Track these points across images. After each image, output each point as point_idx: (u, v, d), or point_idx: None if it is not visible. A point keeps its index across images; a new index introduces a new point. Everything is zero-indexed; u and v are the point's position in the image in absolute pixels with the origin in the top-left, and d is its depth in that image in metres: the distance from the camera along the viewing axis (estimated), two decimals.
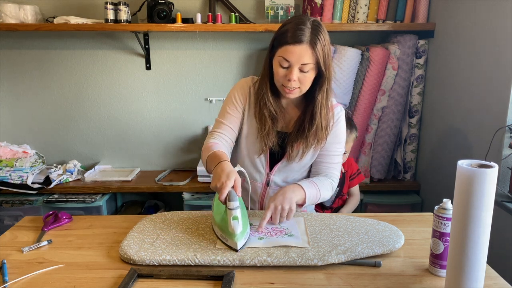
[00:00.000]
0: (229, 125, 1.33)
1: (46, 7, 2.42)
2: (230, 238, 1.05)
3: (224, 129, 1.32)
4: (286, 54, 1.17)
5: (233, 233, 1.04)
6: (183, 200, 2.40)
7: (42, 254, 1.10)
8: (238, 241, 1.04)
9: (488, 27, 1.78)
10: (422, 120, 2.43)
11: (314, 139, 1.29)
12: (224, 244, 1.08)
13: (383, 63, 2.30)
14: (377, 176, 2.48)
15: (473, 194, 0.80)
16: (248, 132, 1.34)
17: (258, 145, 1.32)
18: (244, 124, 1.34)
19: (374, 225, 1.20)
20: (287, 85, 1.21)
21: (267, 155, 1.34)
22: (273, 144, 1.30)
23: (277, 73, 1.22)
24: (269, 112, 1.28)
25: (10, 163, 2.35)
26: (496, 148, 1.70)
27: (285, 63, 1.18)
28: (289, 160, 1.33)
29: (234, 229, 1.04)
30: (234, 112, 1.34)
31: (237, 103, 1.34)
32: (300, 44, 1.15)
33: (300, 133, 1.29)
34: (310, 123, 1.27)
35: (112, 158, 2.68)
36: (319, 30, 1.18)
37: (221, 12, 2.43)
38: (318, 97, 1.26)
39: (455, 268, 0.86)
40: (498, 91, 1.70)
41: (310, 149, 1.31)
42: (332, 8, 2.29)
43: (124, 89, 2.57)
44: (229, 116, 1.34)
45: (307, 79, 1.21)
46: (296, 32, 1.16)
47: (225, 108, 1.35)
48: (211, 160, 1.19)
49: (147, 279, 0.98)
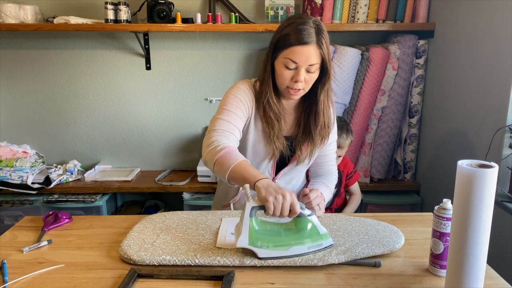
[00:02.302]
0: (237, 126, 1.23)
1: (46, 7, 2.42)
2: (325, 239, 1.05)
3: (232, 129, 1.22)
4: (293, 56, 1.15)
5: (326, 232, 1.06)
6: (183, 200, 2.40)
7: (42, 254, 1.10)
8: (330, 237, 1.06)
9: (488, 27, 1.78)
10: (422, 120, 2.43)
11: (319, 138, 1.30)
12: (317, 251, 1.04)
13: (383, 63, 2.30)
14: (377, 176, 2.48)
15: (473, 194, 0.80)
16: (255, 138, 1.30)
17: (267, 149, 1.29)
18: (251, 130, 1.29)
19: (374, 225, 1.20)
20: (294, 86, 1.19)
21: (274, 160, 1.33)
22: (284, 148, 1.29)
23: (282, 76, 1.19)
24: (275, 114, 1.26)
25: (10, 163, 2.35)
26: (496, 148, 1.70)
27: (292, 65, 1.17)
28: (298, 163, 1.33)
29: (325, 229, 1.06)
30: (239, 113, 1.25)
31: (244, 106, 1.26)
32: (308, 45, 1.14)
33: (307, 135, 1.29)
34: (314, 123, 1.28)
35: (112, 158, 2.68)
36: (322, 29, 1.18)
37: (221, 12, 2.43)
38: (320, 97, 1.26)
39: (455, 268, 0.86)
40: (498, 91, 1.70)
41: (316, 148, 1.33)
42: (332, 8, 2.29)
43: (124, 89, 2.57)
44: (234, 116, 1.24)
45: (312, 80, 1.21)
46: (301, 33, 1.14)
47: (229, 109, 1.24)
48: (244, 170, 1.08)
49: (147, 279, 0.98)
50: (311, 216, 1.04)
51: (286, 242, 1.03)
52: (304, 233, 1.04)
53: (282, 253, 1.02)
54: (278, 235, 1.05)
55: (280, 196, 0.97)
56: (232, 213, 1.31)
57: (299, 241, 1.03)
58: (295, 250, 1.02)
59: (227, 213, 1.31)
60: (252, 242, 1.01)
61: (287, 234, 1.05)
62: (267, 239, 1.03)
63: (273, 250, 1.02)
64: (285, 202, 0.97)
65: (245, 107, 1.27)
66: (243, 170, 1.07)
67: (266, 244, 1.02)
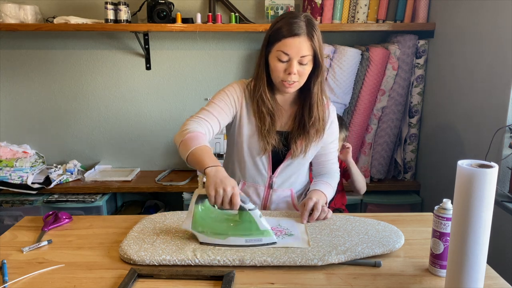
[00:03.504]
0: (216, 116, 1.27)
1: (46, 7, 2.42)
2: (266, 236, 1.07)
3: (210, 118, 1.26)
4: (285, 48, 1.19)
5: (267, 229, 1.07)
6: (183, 200, 2.40)
7: (42, 254, 1.10)
8: (274, 235, 1.08)
9: (488, 27, 1.78)
10: (422, 120, 2.43)
11: (314, 131, 1.32)
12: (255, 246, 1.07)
13: (383, 63, 2.30)
14: (377, 176, 2.48)
15: (473, 194, 0.80)
16: (249, 133, 1.33)
17: (259, 144, 1.31)
18: (244, 125, 1.32)
19: (374, 225, 1.20)
20: (287, 79, 1.22)
21: (269, 156, 1.34)
22: (276, 143, 1.30)
23: (275, 69, 1.23)
24: (267, 109, 1.29)
25: (10, 163, 2.35)
26: (496, 148, 1.70)
27: (284, 57, 1.20)
28: (293, 158, 1.34)
29: (266, 226, 1.07)
30: (223, 106, 1.29)
31: (230, 100, 1.31)
32: (299, 36, 1.18)
33: (301, 129, 1.31)
34: (308, 116, 1.30)
35: (112, 158, 2.68)
36: (313, 23, 1.22)
37: (221, 12, 2.43)
38: (314, 89, 1.28)
39: (455, 268, 0.86)
40: (498, 91, 1.70)
41: (311, 143, 1.34)
42: (332, 8, 2.29)
43: (124, 89, 2.57)
44: (217, 108, 1.29)
45: (306, 72, 1.23)
46: (292, 25, 1.18)
47: (214, 101, 1.30)
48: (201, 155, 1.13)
49: (147, 279, 0.98)
50: (253, 211, 1.07)
51: (224, 231, 1.08)
52: (244, 226, 1.07)
53: (220, 241, 1.07)
54: (219, 224, 1.10)
55: (221, 190, 1.02)
56: None
57: (237, 233, 1.08)
58: (232, 240, 1.07)
59: None
60: (194, 227, 1.09)
61: (227, 224, 1.10)
62: (208, 225, 1.09)
63: (211, 237, 1.08)
64: (225, 196, 1.02)
65: (232, 102, 1.31)
66: (200, 154, 1.13)
67: (205, 230, 1.08)
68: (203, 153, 1.13)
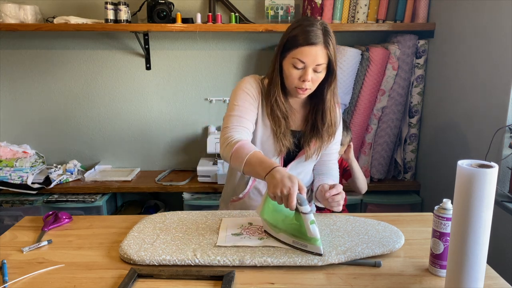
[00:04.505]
0: (247, 118, 1.29)
1: (46, 7, 2.42)
2: (312, 243, 1.03)
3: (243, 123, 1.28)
4: (301, 56, 1.20)
5: (315, 237, 1.03)
6: (183, 200, 2.40)
7: (42, 254, 1.10)
8: (322, 245, 1.04)
9: (488, 27, 1.78)
10: (422, 120, 2.43)
11: (327, 135, 1.36)
12: (301, 250, 1.05)
13: (383, 63, 2.30)
14: (377, 176, 2.48)
15: (473, 194, 0.80)
16: (264, 135, 1.35)
17: (274, 146, 1.34)
18: (259, 127, 1.34)
19: (374, 225, 1.20)
20: (301, 86, 1.24)
21: (282, 156, 1.37)
22: (290, 144, 1.33)
23: (290, 75, 1.24)
24: (282, 113, 1.31)
25: (10, 163, 2.35)
26: (496, 148, 1.70)
27: (300, 65, 1.22)
28: (306, 159, 1.37)
29: (315, 234, 1.03)
30: (248, 106, 1.30)
31: (252, 99, 1.32)
32: (316, 45, 1.20)
33: (315, 132, 1.34)
34: (322, 121, 1.33)
35: (112, 158, 2.68)
36: (329, 31, 1.23)
37: (221, 12, 2.43)
38: (327, 96, 1.31)
39: (455, 268, 0.86)
40: (498, 91, 1.70)
41: (324, 145, 1.37)
42: (332, 8, 2.29)
43: (124, 89, 2.57)
44: (244, 109, 1.29)
45: (319, 79, 1.26)
46: (309, 34, 1.19)
47: (238, 103, 1.30)
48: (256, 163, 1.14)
49: (147, 279, 0.98)
50: (306, 215, 1.04)
51: (279, 225, 1.10)
52: (295, 227, 1.07)
53: (274, 233, 1.12)
54: (279, 217, 1.12)
55: (278, 191, 1.04)
56: (232, 213, 1.32)
57: (288, 231, 1.08)
58: (282, 237, 1.10)
59: (227, 213, 1.31)
60: (262, 213, 1.13)
61: (285, 220, 1.10)
62: (271, 216, 1.13)
63: (269, 227, 1.13)
64: (283, 197, 1.04)
65: (254, 100, 1.33)
66: (255, 163, 1.14)
67: (268, 219, 1.13)
68: (257, 161, 1.14)
